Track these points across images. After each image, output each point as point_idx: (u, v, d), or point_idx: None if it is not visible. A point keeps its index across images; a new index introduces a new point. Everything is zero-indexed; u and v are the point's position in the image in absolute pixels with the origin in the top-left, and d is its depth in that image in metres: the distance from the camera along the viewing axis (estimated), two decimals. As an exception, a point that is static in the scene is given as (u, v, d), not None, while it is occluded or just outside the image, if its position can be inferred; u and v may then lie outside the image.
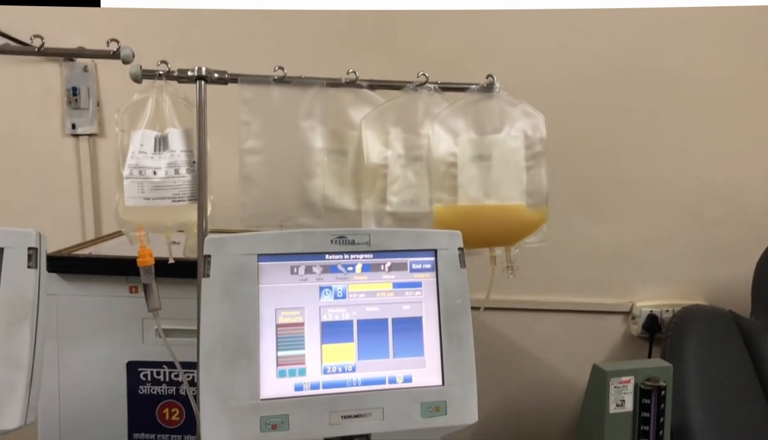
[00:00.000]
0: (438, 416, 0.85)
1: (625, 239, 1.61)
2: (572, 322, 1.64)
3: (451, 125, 1.00)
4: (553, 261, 1.59)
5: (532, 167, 1.02)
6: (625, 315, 1.63)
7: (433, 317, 0.87)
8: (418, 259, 0.88)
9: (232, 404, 0.79)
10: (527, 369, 1.66)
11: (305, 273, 0.84)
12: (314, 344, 0.83)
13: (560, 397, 1.65)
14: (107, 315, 1.22)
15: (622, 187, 1.59)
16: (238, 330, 0.80)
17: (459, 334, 0.87)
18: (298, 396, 0.81)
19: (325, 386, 0.83)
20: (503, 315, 1.64)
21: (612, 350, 1.64)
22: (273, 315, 0.82)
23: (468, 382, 0.86)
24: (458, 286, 0.88)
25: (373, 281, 0.86)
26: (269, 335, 0.82)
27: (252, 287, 0.81)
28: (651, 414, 1.01)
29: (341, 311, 0.85)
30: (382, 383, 0.85)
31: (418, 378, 0.86)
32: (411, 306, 0.87)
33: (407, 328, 0.86)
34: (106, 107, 1.56)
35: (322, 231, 0.85)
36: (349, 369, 0.84)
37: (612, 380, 1.01)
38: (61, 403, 1.23)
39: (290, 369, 0.82)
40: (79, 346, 1.22)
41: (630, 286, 1.63)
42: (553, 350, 1.66)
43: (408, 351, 0.86)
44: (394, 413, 0.83)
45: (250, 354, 0.80)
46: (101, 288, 1.21)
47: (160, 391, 1.23)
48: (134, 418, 1.24)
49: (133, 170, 0.91)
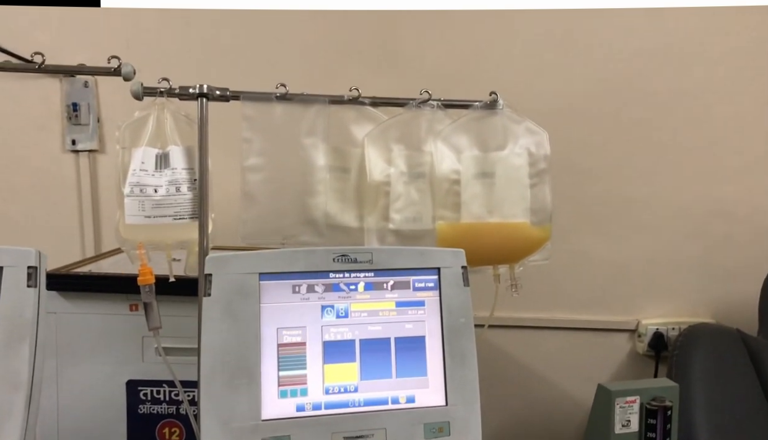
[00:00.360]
0: (441, 437, 0.84)
1: (631, 256, 1.60)
2: (577, 340, 1.63)
3: (454, 142, 1.00)
4: (558, 279, 1.58)
5: (535, 185, 1.01)
6: (631, 333, 1.62)
7: (437, 336, 0.86)
8: (421, 277, 0.87)
9: (233, 424, 0.77)
10: (531, 387, 1.64)
11: (307, 292, 0.83)
12: (316, 364, 0.82)
13: (565, 415, 1.63)
14: (107, 333, 1.21)
15: (628, 204, 1.58)
16: (239, 349, 0.79)
17: (462, 353, 0.86)
18: (300, 417, 0.80)
19: (327, 406, 0.82)
20: (507, 333, 1.62)
21: (617, 368, 1.63)
22: (274, 335, 0.81)
23: (472, 402, 0.85)
24: (461, 305, 0.87)
25: (375, 300, 0.85)
26: (270, 354, 0.80)
27: (253, 306, 0.80)
28: (657, 434, 0.99)
29: (343, 330, 0.84)
30: (385, 403, 0.83)
31: (421, 398, 0.84)
32: (414, 325, 0.86)
33: (410, 347, 0.85)
34: (107, 123, 1.56)
35: (324, 249, 0.85)
36: (351, 389, 0.83)
37: (617, 400, 0.99)
38: (60, 422, 1.21)
39: (292, 389, 0.81)
40: (78, 364, 1.21)
41: (636, 304, 1.61)
42: (558, 368, 1.64)
43: (411, 370, 0.85)
44: (397, 434, 0.82)
45: (251, 374, 0.79)
46: (101, 306, 1.20)
47: (160, 410, 1.22)
48: (134, 437, 1.22)
49: (134, 187, 0.91)
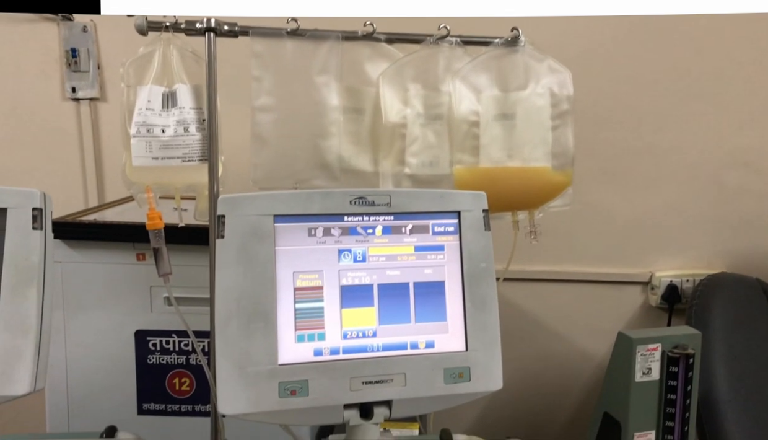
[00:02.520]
0: (461, 382, 0.81)
1: (646, 208, 1.56)
2: (590, 293, 1.61)
3: (473, 82, 0.96)
4: (571, 231, 1.55)
5: (557, 127, 0.97)
6: (644, 286, 1.60)
7: (456, 281, 0.83)
8: (441, 221, 0.84)
9: (249, 369, 0.75)
10: (542, 340, 1.63)
11: (323, 235, 0.80)
12: (333, 308, 0.80)
13: (577, 368, 1.63)
14: (114, 283, 1.19)
15: (643, 155, 1.54)
16: (255, 293, 0.76)
17: (483, 299, 0.83)
18: (318, 362, 0.78)
19: (345, 351, 0.79)
20: (518, 286, 1.60)
21: (630, 321, 1.61)
22: (291, 278, 0.78)
23: (492, 348, 0.83)
24: (482, 249, 0.84)
25: (393, 245, 0.82)
26: (287, 299, 0.78)
27: (268, 249, 0.77)
28: (678, 382, 0.97)
29: (361, 274, 0.81)
30: (404, 348, 0.81)
31: (441, 343, 0.82)
32: (433, 270, 0.83)
33: (429, 293, 0.83)
34: (108, 70, 1.51)
35: (340, 191, 0.81)
36: (369, 334, 0.81)
37: (638, 347, 0.97)
38: (69, 373, 1.20)
39: (309, 333, 0.79)
40: (85, 315, 1.19)
41: (649, 256, 1.59)
42: (570, 321, 1.63)
43: (430, 316, 0.82)
44: (416, 379, 0.80)
45: (267, 318, 0.76)
46: (107, 255, 1.18)
47: (169, 361, 1.20)
48: (143, 388, 1.21)
49: (141, 127, 0.87)
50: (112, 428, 1.05)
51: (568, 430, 1.65)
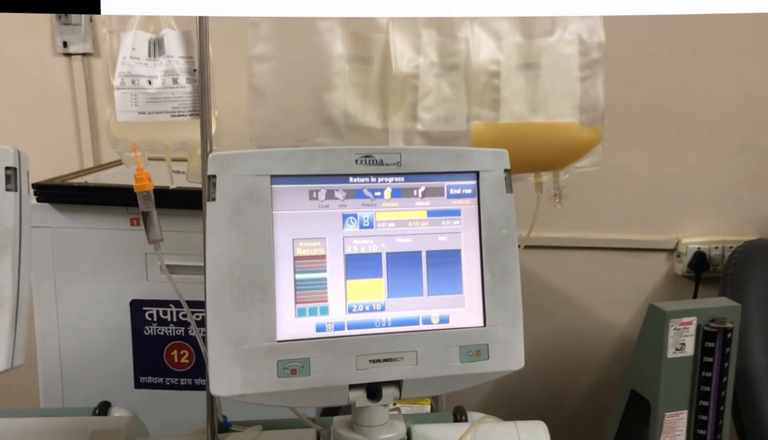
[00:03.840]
0: (479, 361, 0.74)
1: (673, 170, 1.47)
2: (611, 261, 1.52)
3: (493, 27, 0.86)
4: (592, 195, 1.46)
5: (587, 78, 0.88)
6: (669, 253, 1.51)
7: (474, 249, 0.75)
8: (457, 183, 0.75)
9: (245, 346, 0.68)
10: (560, 311, 1.55)
11: (326, 198, 0.72)
12: (337, 279, 0.72)
13: (596, 340, 1.55)
14: (107, 250, 1.12)
15: (670, 114, 1.44)
16: (250, 262, 0.69)
17: (503, 269, 0.75)
18: (320, 338, 0.71)
19: (351, 326, 0.72)
20: (534, 254, 1.52)
21: (653, 290, 1.53)
22: (290, 246, 0.71)
23: (513, 323, 0.75)
24: (503, 214, 0.76)
25: (404, 209, 0.74)
26: (286, 268, 0.70)
27: (265, 214, 0.69)
28: (715, 359, 0.89)
29: (368, 242, 0.73)
30: (416, 324, 0.74)
31: (456, 318, 0.74)
32: (448, 238, 0.75)
33: (444, 262, 0.75)
34: (101, 23, 1.41)
35: (345, 149, 0.73)
36: (377, 308, 0.73)
37: (672, 321, 0.89)
38: (62, 345, 1.14)
39: (310, 307, 0.71)
40: (77, 284, 1.13)
41: (676, 221, 1.50)
42: (589, 290, 1.55)
43: (444, 288, 0.74)
44: (429, 357, 0.73)
45: (265, 290, 0.69)
46: (99, 220, 1.11)
47: (167, 332, 1.14)
48: (140, 360, 1.15)
49: (125, 78, 0.79)
50: (105, 404, 0.99)
51: (586, 405, 1.58)
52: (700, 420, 0.92)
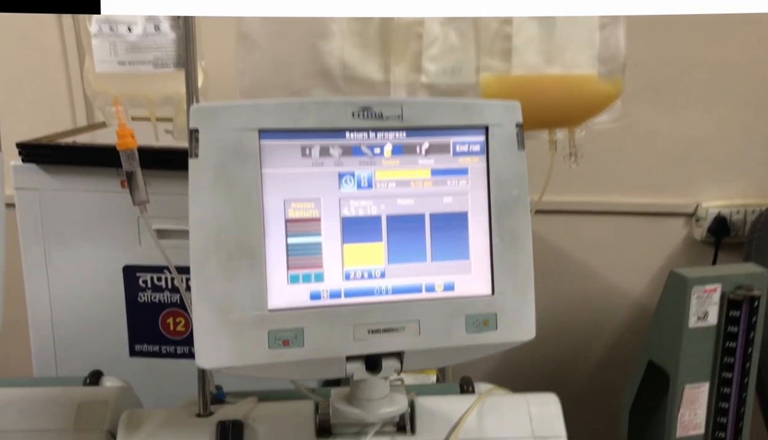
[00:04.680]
0: (486, 331, 0.69)
1: (693, 129, 1.39)
2: (626, 226, 1.46)
3: (505, -32, 0.79)
4: (607, 156, 1.39)
5: (607, 25, 0.81)
6: (688, 218, 1.44)
7: (482, 212, 0.69)
8: (464, 138, 0.69)
9: (233, 315, 0.63)
10: (571, 279, 1.49)
11: (320, 156, 0.66)
12: (333, 244, 0.66)
13: (609, 308, 1.50)
14: (97, 213, 1.07)
15: (694, 69, 1.36)
16: (238, 224, 0.63)
17: (514, 233, 0.69)
18: (315, 307, 0.66)
19: (348, 294, 0.67)
20: (545, 219, 1.46)
21: (670, 256, 1.47)
22: (281, 208, 0.65)
23: (524, 291, 0.70)
24: (514, 173, 0.69)
25: (406, 167, 0.68)
26: (277, 232, 0.65)
27: (253, 172, 0.64)
28: (740, 328, 0.84)
29: (366, 204, 0.67)
30: (418, 291, 0.68)
31: (462, 285, 0.69)
32: (454, 199, 0.69)
33: (449, 226, 0.69)
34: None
35: (341, 101, 0.66)
36: (376, 275, 0.67)
37: (694, 288, 0.83)
38: (53, 312, 1.10)
39: (304, 273, 0.66)
40: (68, 249, 1.08)
41: (696, 184, 1.43)
42: (602, 257, 1.49)
43: (450, 253, 0.69)
44: (432, 327, 0.67)
45: (254, 255, 0.63)
46: (89, 182, 1.05)
47: (162, 299, 1.10)
48: (135, 329, 1.11)
49: (102, 25, 0.72)
50: (96, 373, 0.96)
51: (599, 375, 1.53)
52: (722, 393, 0.87)
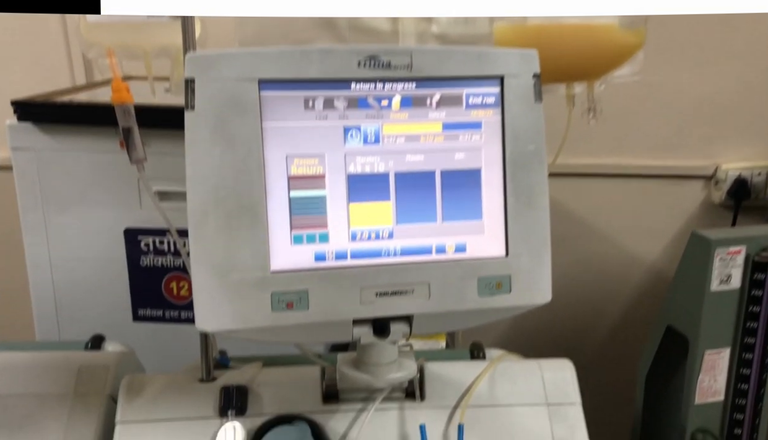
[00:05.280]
0: (499, 294, 0.66)
1: (714, 89, 1.34)
2: (641, 189, 1.42)
3: None
4: (623, 115, 1.34)
5: (631, -30, 0.75)
6: (707, 180, 1.40)
7: (496, 168, 0.65)
8: (478, 90, 0.65)
9: (234, 277, 0.60)
10: (585, 243, 1.46)
11: (324, 108, 0.62)
12: (339, 203, 0.63)
13: (623, 273, 1.46)
14: (97, 175, 1.04)
15: (717, 24, 1.30)
16: (237, 181, 0.60)
17: (530, 191, 0.66)
18: (320, 268, 0.62)
19: (354, 256, 0.63)
20: (559, 182, 1.42)
21: (688, 220, 1.42)
22: (283, 164, 0.61)
23: (540, 252, 0.66)
24: (531, 127, 0.65)
25: (415, 121, 0.64)
26: (279, 189, 0.61)
27: (252, 126, 0.60)
28: (764, 292, 0.80)
29: (373, 160, 0.64)
30: (428, 253, 0.65)
31: (475, 246, 0.65)
32: (466, 155, 0.65)
33: (461, 183, 0.65)
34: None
35: (346, 49, 0.62)
36: (384, 235, 0.64)
37: (718, 250, 0.80)
38: (54, 276, 1.08)
39: (308, 234, 0.62)
40: (67, 211, 1.05)
41: (715, 145, 1.38)
42: (616, 221, 1.45)
43: (462, 212, 0.65)
44: (442, 290, 0.64)
45: (255, 214, 0.60)
46: (87, 142, 1.02)
47: (165, 263, 1.07)
48: (138, 293, 1.09)
49: (92, -29, 0.68)
50: (98, 337, 0.94)
51: (613, 340, 1.51)
52: (744, 358, 0.84)
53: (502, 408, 0.76)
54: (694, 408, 0.86)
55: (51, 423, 0.73)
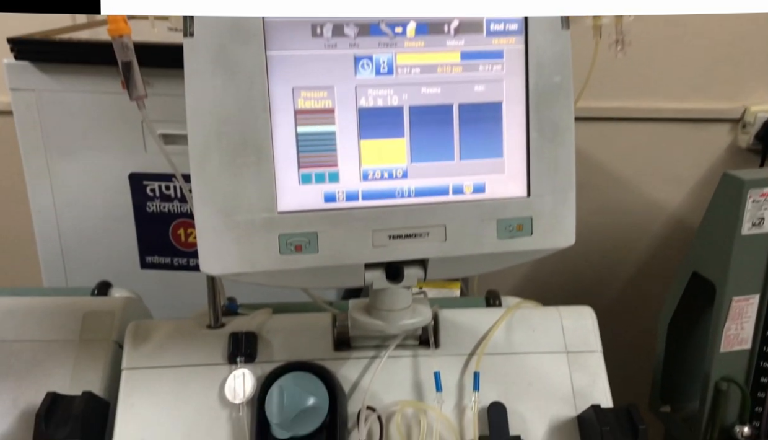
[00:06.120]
0: (520, 237, 0.62)
1: (744, 25, 1.26)
2: (664, 133, 1.36)
3: None
4: (647, 53, 1.27)
5: None
6: (734, 124, 1.34)
7: (519, 102, 0.61)
8: (500, 16, 0.60)
9: (239, 217, 0.57)
10: (607, 189, 1.41)
11: (333, 36, 0.58)
12: (349, 139, 0.59)
13: (644, 220, 1.42)
14: (99, 117, 1.00)
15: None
16: (241, 115, 0.56)
17: (555, 126, 0.61)
18: (330, 209, 0.59)
19: (366, 196, 0.60)
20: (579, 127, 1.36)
21: (712, 165, 1.37)
22: (289, 97, 0.57)
23: (564, 192, 0.62)
24: (557, 56, 0.61)
25: (432, 50, 0.59)
26: (285, 124, 0.57)
27: (256, 55, 0.56)
28: (799, 237, 0.76)
29: (386, 93, 0.59)
30: (444, 193, 0.61)
31: (494, 186, 0.62)
32: (487, 87, 0.61)
33: (480, 118, 0.61)
34: None
35: (357, -29, 0.57)
36: (398, 175, 0.60)
37: (751, 191, 0.75)
38: (60, 222, 1.05)
39: (317, 172, 0.59)
40: (70, 156, 1.02)
41: (744, 87, 1.32)
42: (638, 166, 1.40)
43: (481, 150, 0.61)
44: (459, 233, 0.61)
45: (260, 151, 0.57)
46: (89, 82, 0.98)
47: (171, 209, 1.04)
48: (145, 240, 1.06)
49: None
50: (105, 284, 0.92)
51: (632, 289, 1.47)
52: (773, 306, 0.80)
53: (519, 355, 0.73)
54: (719, 357, 0.83)
55: (57, 369, 0.72)
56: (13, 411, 0.69)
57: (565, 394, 0.71)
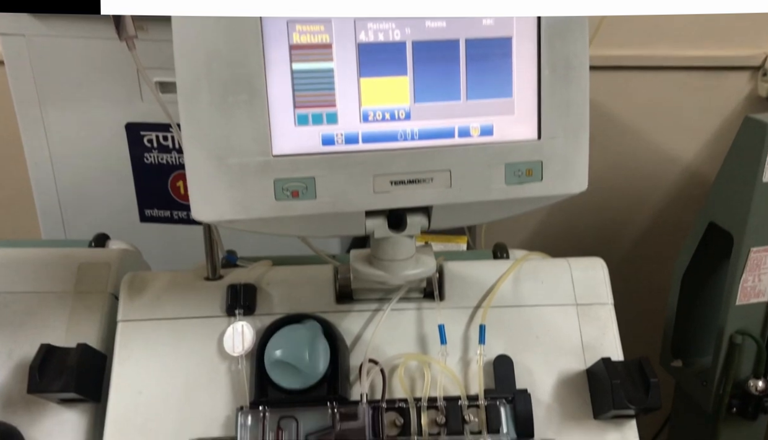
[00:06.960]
0: (530, 182, 0.59)
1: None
2: (679, 82, 1.31)
3: None
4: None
5: None
6: (753, 71, 1.29)
7: (530, 37, 0.57)
8: (509, -58, 0.55)
9: (231, 161, 0.54)
10: (619, 141, 1.37)
11: (331, -35, 0.53)
12: (348, 78, 0.55)
13: (656, 172, 1.38)
14: (93, 64, 0.97)
15: None
16: (232, 51, 0.52)
17: (568, 62, 0.57)
18: (328, 153, 0.56)
19: (367, 139, 0.57)
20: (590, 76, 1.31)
21: (729, 116, 1.32)
22: (284, 31, 0.54)
23: (576, 134, 0.59)
24: (570, -13, 0.56)
25: (436, -19, 0.55)
26: (280, 61, 0.54)
27: (247, -15, 0.52)
28: (823, 185, 0.72)
29: (388, 26, 0.55)
30: (450, 136, 0.58)
31: (503, 128, 0.58)
32: (495, 21, 0.57)
33: (489, 55, 0.57)
34: None
35: None
36: (400, 116, 0.57)
37: (774, 137, 0.71)
38: (56, 174, 1.03)
39: (314, 113, 0.55)
40: (65, 106, 0.99)
41: (764, 32, 1.25)
42: (651, 117, 1.35)
43: (489, 89, 0.57)
44: (466, 178, 0.57)
45: (253, 89, 0.53)
46: (81, 27, 0.95)
47: (170, 160, 1.01)
48: (143, 192, 1.04)
49: None
50: (102, 236, 0.89)
51: (645, 243, 1.44)
52: (793, 257, 0.77)
53: (527, 308, 0.71)
54: (734, 309, 0.80)
55: (52, 320, 0.70)
56: (8, 363, 0.68)
57: (574, 347, 0.69)
